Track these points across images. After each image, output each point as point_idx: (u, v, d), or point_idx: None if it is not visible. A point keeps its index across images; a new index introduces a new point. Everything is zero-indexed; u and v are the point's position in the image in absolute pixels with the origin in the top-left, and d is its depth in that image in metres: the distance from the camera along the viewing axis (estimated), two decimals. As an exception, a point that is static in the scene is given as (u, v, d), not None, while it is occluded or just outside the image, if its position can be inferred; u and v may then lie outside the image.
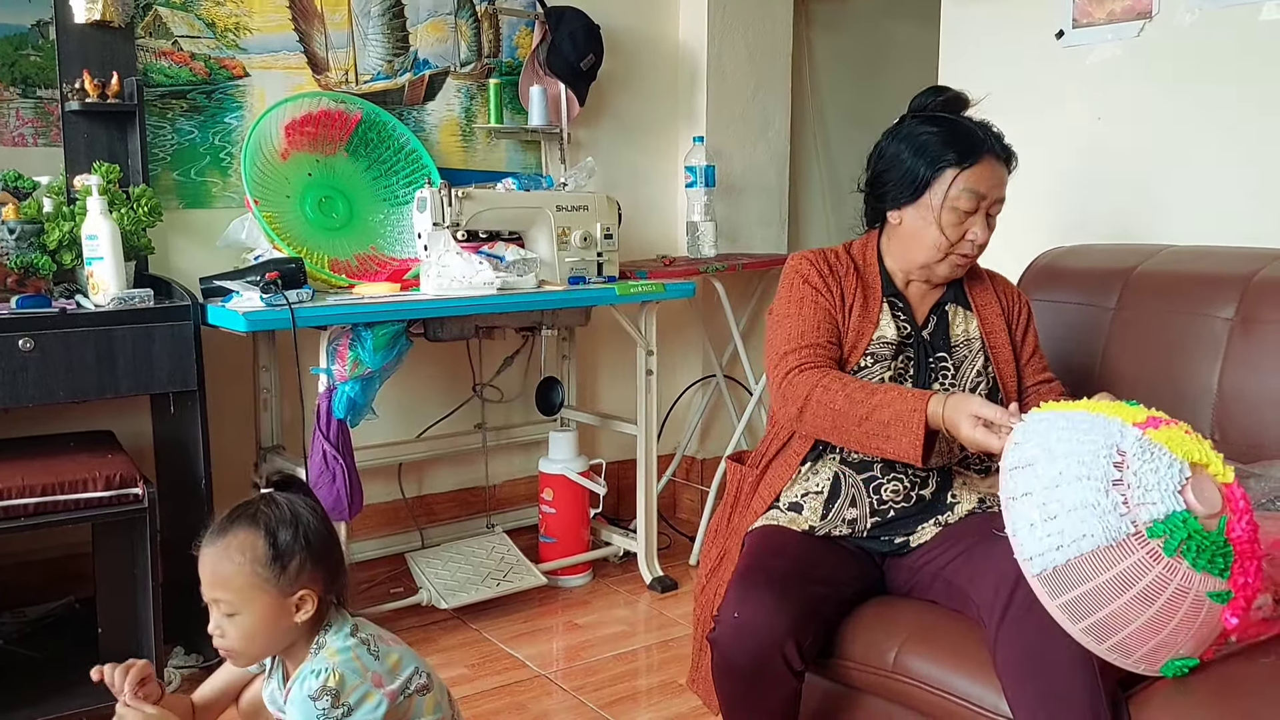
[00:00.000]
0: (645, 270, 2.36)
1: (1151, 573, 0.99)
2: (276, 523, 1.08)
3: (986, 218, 1.34)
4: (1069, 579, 1.01)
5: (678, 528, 2.73)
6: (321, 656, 1.09)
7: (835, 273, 1.39)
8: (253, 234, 2.04)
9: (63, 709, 1.65)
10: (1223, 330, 1.47)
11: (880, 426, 1.23)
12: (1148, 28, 1.86)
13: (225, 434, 2.01)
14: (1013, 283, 1.49)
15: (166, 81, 2.10)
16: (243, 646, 1.08)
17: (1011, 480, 1.06)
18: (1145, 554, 0.99)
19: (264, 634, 1.08)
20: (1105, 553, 0.99)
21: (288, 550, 1.07)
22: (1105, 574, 0.99)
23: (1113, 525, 0.99)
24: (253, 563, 1.06)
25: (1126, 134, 1.91)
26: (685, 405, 2.86)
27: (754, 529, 1.39)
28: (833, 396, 1.27)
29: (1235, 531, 1.02)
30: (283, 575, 1.06)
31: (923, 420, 1.20)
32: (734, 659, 1.22)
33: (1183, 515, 0.99)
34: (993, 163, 1.33)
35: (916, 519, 1.35)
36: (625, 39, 2.66)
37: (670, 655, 2.02)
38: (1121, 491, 1.00)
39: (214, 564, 1.07)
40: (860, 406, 1.24)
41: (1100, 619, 1.01)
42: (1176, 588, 0.99)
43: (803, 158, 3.13)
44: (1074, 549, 1.00)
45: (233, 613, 1.06)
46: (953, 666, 1.20)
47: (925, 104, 1.39)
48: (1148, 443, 1.03)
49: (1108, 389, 1.56)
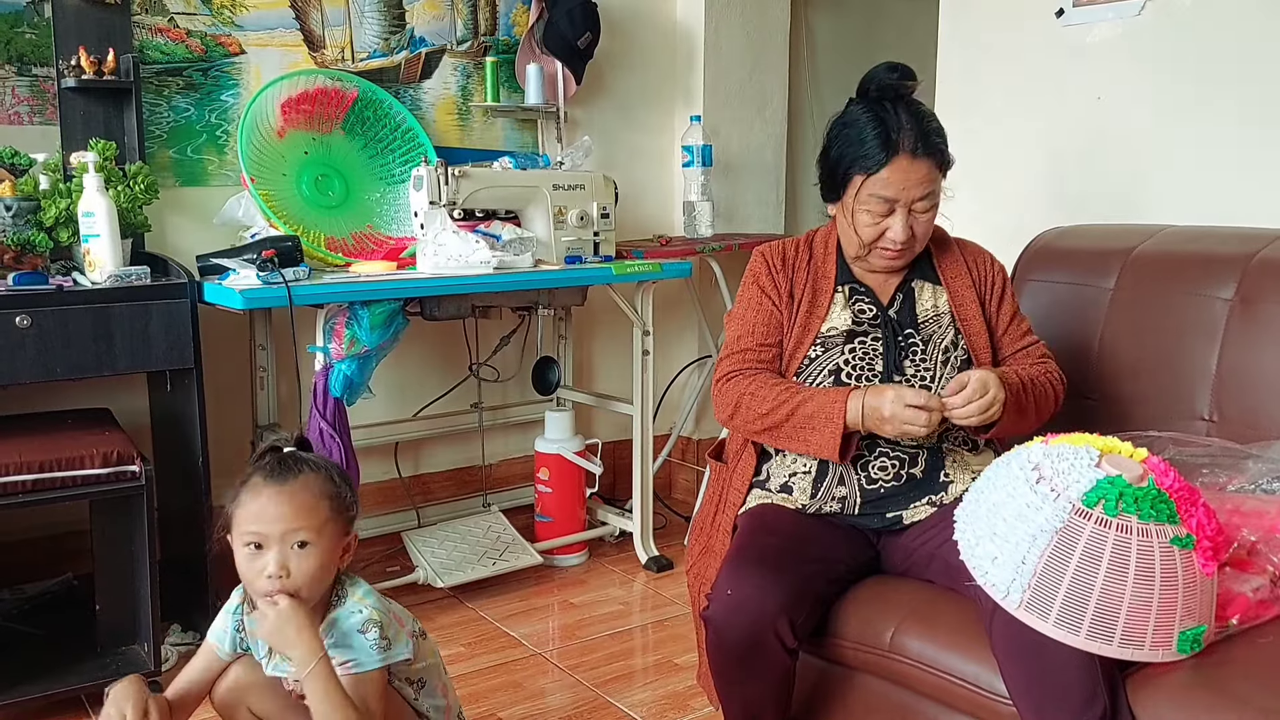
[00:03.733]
0: (642, 250, 2.35)
1: (1109, 539, 1.02)
2: (332, 469, 1.19)
3: (910, 215, 1.32)
4: (1046, 589, 1.03)
5: (673, 508, 2.74)
6: (351, 603, 1.18)
7: (788, 267, 1.42)
8: (249, 212, 2.04)
9: (60, 685, 1.66)
10: (1222, 311, 1.47)
11: (805, 420, 1.29)
12: (1149, 6, 1.84)
13: (222, 412, 2.02)
14: (986, 250, 1.47)
15: (163, 58, 2.08)
16: (309, 580, 1.13)
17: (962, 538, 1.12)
18: (1094, 524, 1.02)
19: (326, 569, 1.15)
20: (1060, 542, 1.03)
21: (347, 494, 1.18)
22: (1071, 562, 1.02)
23: (1052, 512, 1.04)
24: (329, 499, 1.16)
25: (1126, 114, 1.90)
26: (681, 385, 2.86)
27: (747, 509, 1.40)
28: (759, 401, 1.33)
29: (1166, 482, 1.06)
30: (344, 515, 1.17)
31: (841, 413, 1.27)
32: (727, 636, 1.23)
33: (1109, 479, 1.04)
34: (905, 164, 1.30)
35: (908, 496, 1.36)
36: (622, 17, 2.64)
37: (666, 634, 2.03)
38: (1046, 484, 1.06)
39: (294, 497, 1.14)
40: (785, 406, 1.31)
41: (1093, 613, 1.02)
42: (1139, 546, 1.01)
43: (800, 137, 3.12)
44: (1034, 554, 1.04)
45: (307, 543, 1.13)
46: (950, 646, 1.20)
47: (869, 83, 1.36)
48: (1051, 446, 1.11)
49: (1105, 370, 1.58)
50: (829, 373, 1.37)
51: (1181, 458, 1.27)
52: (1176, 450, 1.28)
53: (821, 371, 1.37)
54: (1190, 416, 1.47)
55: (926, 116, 1.34)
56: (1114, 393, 1.56)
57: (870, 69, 1.37)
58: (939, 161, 1.33)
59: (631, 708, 1.74)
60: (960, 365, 1.38)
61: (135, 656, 1.74)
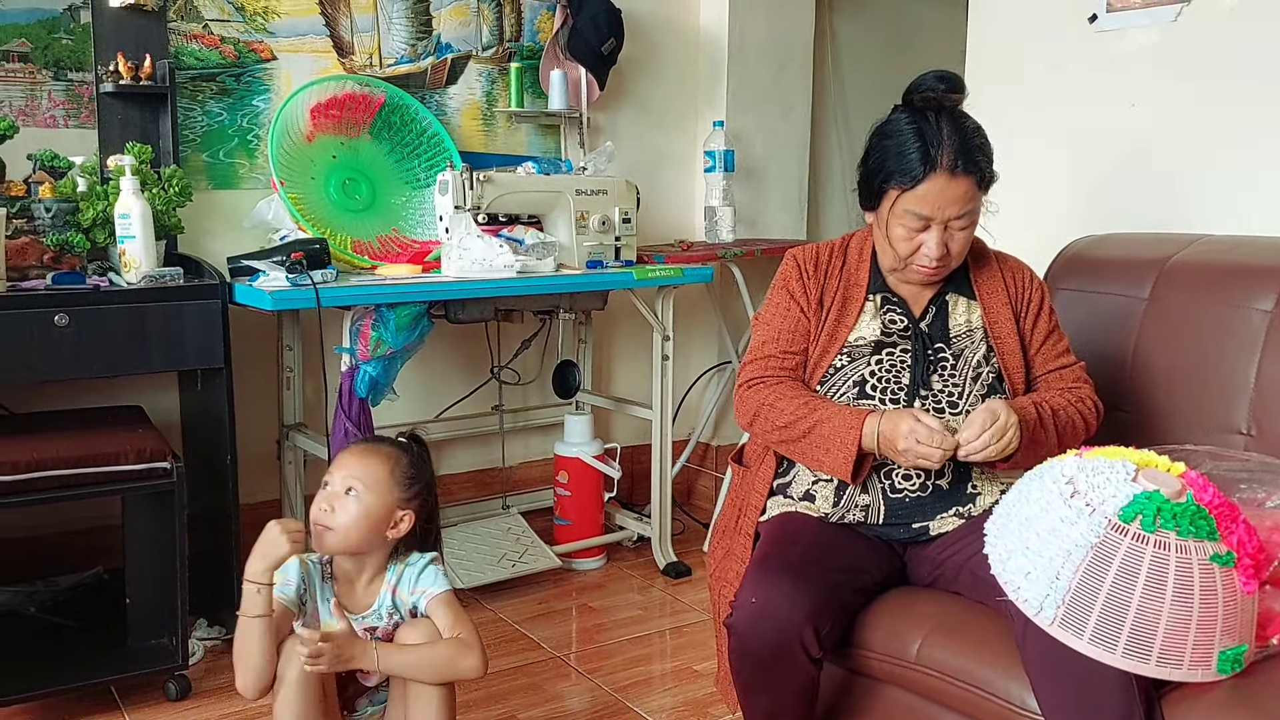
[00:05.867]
0: (663, 255, 2.36)
1: (1146, 555, 1.00)
2: (416, 455, 1.37)
3: (946, 231, 1.29)
4: (1081, 605, 1.02)
5: (691, 513, 2.75)
6: (413, 557, 1.36)
7: (820, 272, 1.40)
8: (279, 215, 2.07)
9: (90, 676, 1.69)
10: (1261, 323, 1.44)
11: (820, 440, 1.29)
12: (1185, 12, 1.82)
13: (249, 411, 2.05)
14: (1027, 266, 1.45)
15: (197, 64, 2.12)
16: (347, 524, 1.29)
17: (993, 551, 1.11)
18: (1130, 539, 1.00)
19: (366, 526, 1.30)
20: (1096, 557, 1.01)
21: (415, 477, 1.34)
22: (1107, 579, 1.00)
23: (1087, 527, 1.02)
24: (392, 468, 1.32)
25: (1161, 121, 1.87)
26: (700, 391, 2.87)
27: (770, 517, 1.40)
28: (778, 413, 1.33)
29: (1205, 497, 1.04)
30: (403, 490, 1.32)
31: (856, 438, 1.26)
32: (750, 645, 1.22)
33: (1146, 494, 1.02)
34: (943, 181, 1.26)
35: (934, 507, 1.35)
36: (646, 23, 2.65)
37: (685, 640, 2.04)
38: (1081, 498, 1.04)
39: (364, 456, 1.33)
40: (803, 422, 1.31)
41: (1130, 631, 1.00)
42: (1178, 563, 0.99)
43: (824, 143, 3.12)
44: (1068, 570, 1.02)
45: (354, 491, 1.29)
46: (979, 659, 1.18)
47: (914, 91, 1.34)
48: (1086, 460, 1.09)
49: (1139, 382, 1.56)
50: (854, 384, 1.36)
51: (1219, 472, 1.24)
52: (1214, 465, 1.26)
53: (846, 382, 1.36)
54: (1227, 430, 1.45)
55: (970, 131, 1.30)
56: (1148, 405, 1.54)
57: (919, 75, 1.34)
58: (979, 179, 1.29)
59: (651, 713, 1.75)
60: (991, 383, 1.37)
61: (163, 650, 1.77)
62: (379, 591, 1.34)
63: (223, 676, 1.79)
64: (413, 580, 1.34)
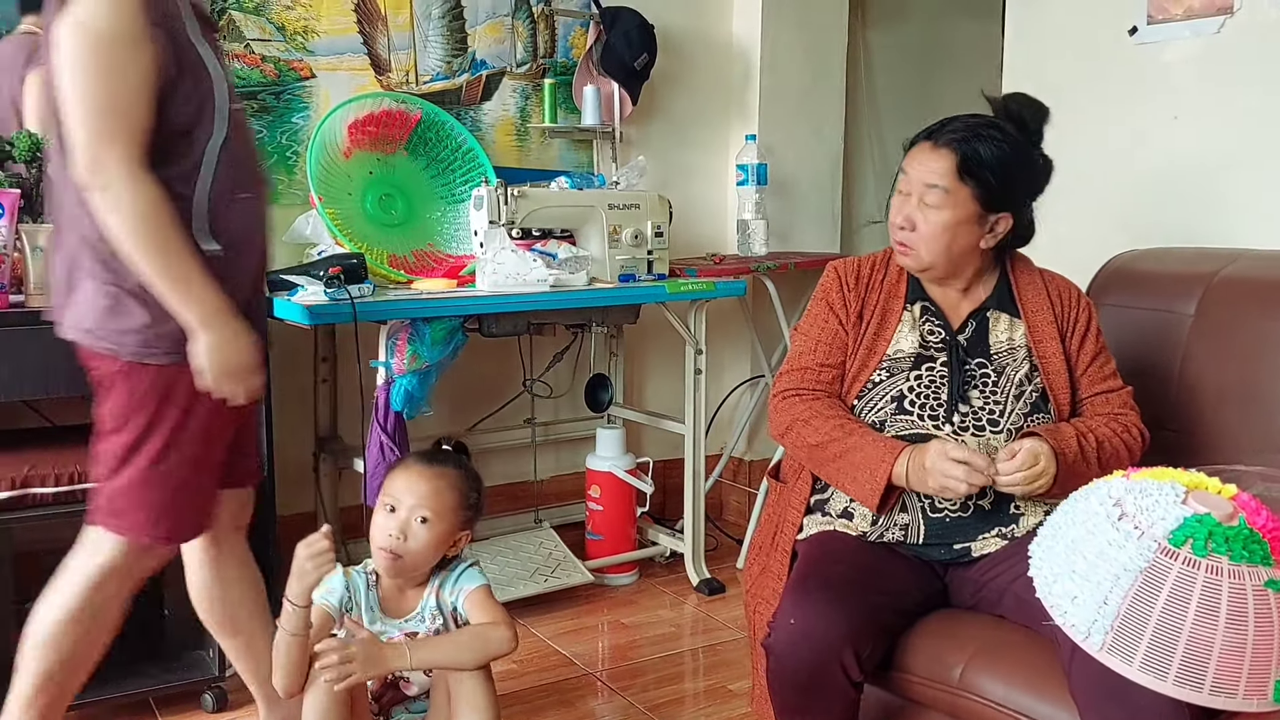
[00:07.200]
0: (695, 268, 2.35)
1: (1198, 580, 0.97)
2: (472, 475, 1.40)
3: (919, 206, 1.34)
4: (1130, 630, 0.99)
5: (724, 529, 2.72)
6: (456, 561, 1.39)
7: (860, 285, 1.41)
8: (316, 230, 2.09)
9: (129, 688, 1.71)
10: (1312, 339, 1.41)
11: (850, 467, 1.29)
12: (1229, 24, 1.79)
13: (284, 424, 2.06)
14: (1075, 285, 1.44)
15: (239, 83, 2.15)
16: (419, 550, 1.31)
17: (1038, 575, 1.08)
18: (1181, 564, 0.98)
19: (435, 552, 1.34)
20: (1146, 582, 0.98)
21: (477, 500, 1.38)
22: (1158, 603, 0.97)
23: (1136, 551, 0.99)
24: (460, 494, 1.35)
25: (1205, 133, 1.84)
26: (733, 405, 2.85)
27: (808, 536, 1.38)
28: (812, 431, 1.33)
29: (1259, 521, 1.01)
30: (465, 513, 1.35)
31: (886, 474, 1.26)
32: (789, 667, 1.21)
33: (1197, 518, 1.00)
34: (925, 150, 1.35)
35: (976, 528, 1.32)
36: (678, 37, 2.66)
37: (719, 659, 2.01)
38: (1129, 521, 1.02)
39: (434, 482, 1.34)
40: (835, 445, 1.31)
41: (1182, 658, 0.98)
42: (1231, 589, 0.96)
43: (857, 156, 3.10)
44: (1116, 594, 0.99)
45: (428, 519, 1.31)
46: (1024, 686, 1.16)
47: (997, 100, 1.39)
48: (1134, 481, 1.06)
49: (1186, 399, 1.52)
50: (892, 399, 1.34)
51: (1271, 494, 1.20)
52: (1265, 486, 1.22)
53: (884, 398, 1.35)
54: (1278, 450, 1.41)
55: (976, 125, 1.34)
56: (1195, 424, 1.51)
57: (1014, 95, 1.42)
58: (960, 161, 1.32)
59: (684, 732, 1.73)
60: (1035, 402, 1.34)
61: (200, 661, 1.78)
62: (422, 595, 1.37)
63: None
64: (454, 581, 1.37)
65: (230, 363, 1.29)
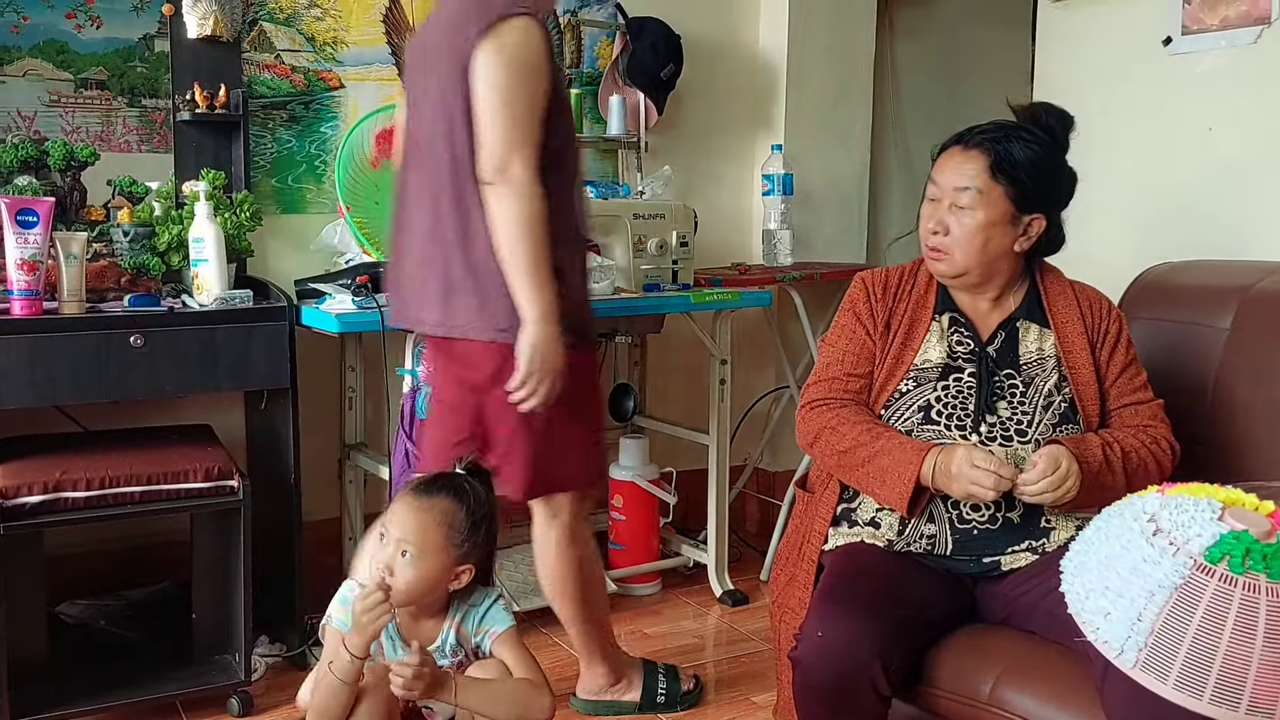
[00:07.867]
0: (720, 278, 2.35)
1: (1234, 597, 0.95)
2: (474, 506, 1.29)
3: (950, 210, 1.33)
4: (1164, 648, 0.97)
5: (748, 540, 2.70)
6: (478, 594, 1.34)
7: (889, 296, 1.40)
8: (344, 239, 2.12)
9: (158, 691, 1.73)
10: (1348, 353, 1.38)
11: (879, 471, 1.27)
12: (1266, 34, 1.76)
13: (311, 431, 2.08)
14: (1105, 296, 1.42)
15: (269, 93, 2.19)
16: (405, 588, 1.25)
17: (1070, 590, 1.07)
18: (1218, 581, 0.96)
19: (426, 586, 1.27)
20: (1180, 599, 0.96)
21: (473, 533, 1.28)
22: (1193, 621, 0.95)
23: (1171, 567, 0.98)
24: (447, 530, 1.27)
25: (1241, 145, 1.81)
26: (757, 416, 2.83)
27: (835, 548, 1.37)
28: (840, 438, 1.32)
29: None
30: (461, 549, 1.28)
31: (914, 475, 1.24)
32: (817, 679, 1.19)
33: (1234, 534, 0.98)
34: (956, 154, 1.34)
35: (1005, 541, 1.30)
36: (704, 47, 2.66)
37: (743, 671, 1.99)
38: (1164, 537, 1.00)
39: (415, 515, 1.26)
40: (864, 450, 1.29)
41: (1217, 678, 0.95)
42: (1269, 607, 0.94)
43: (883, 166, 3.08)
44: (1151, 611, 0.97)
45: (411, 558, 1.25)
46: (1056, 702, 1.14)
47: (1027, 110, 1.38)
48: (1168, 497, 1.04)
49: (1220, 414, 1.49)
50: (919, 409, 1.33)
51: (1309, 511, 1.18)
52: (1302, 502, 1.20)
53: (911, 408, 1.34)
54: (1316, 466, 1.38)
55: (1007, 126, 1.34)
56: (1228, 439, 1.48)
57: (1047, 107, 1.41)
58: (993, 161, 1.31)
59: (707, 745, 1.71)
60: (1064, 412, 1.33)
61: (227, 665, 1.80)
62: (441, 627, 1.33)
63: (284, 693, 1.80)
64: (478, 619, 1.33)
65: (546, 358, 1.45)
